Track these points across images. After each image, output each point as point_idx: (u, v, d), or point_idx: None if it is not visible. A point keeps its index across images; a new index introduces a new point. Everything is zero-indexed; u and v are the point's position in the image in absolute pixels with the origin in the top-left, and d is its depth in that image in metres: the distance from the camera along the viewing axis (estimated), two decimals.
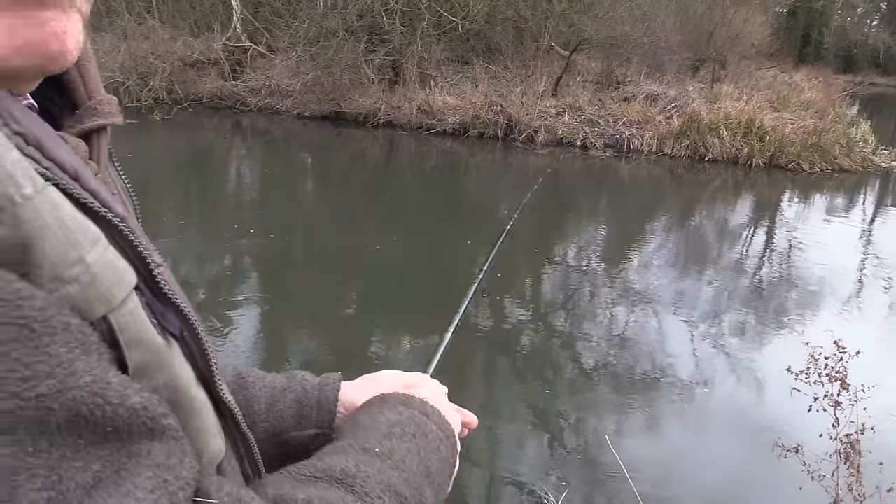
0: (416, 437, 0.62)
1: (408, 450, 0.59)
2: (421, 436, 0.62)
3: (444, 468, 0.63)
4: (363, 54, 14.01)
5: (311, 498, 0.49)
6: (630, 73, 15.71)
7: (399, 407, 0.66)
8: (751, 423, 4.44)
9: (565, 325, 5.96)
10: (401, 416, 0.64)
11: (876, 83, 35.33)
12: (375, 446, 0.58)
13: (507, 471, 3.86)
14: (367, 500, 0.52)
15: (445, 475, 0.63)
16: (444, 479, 0.63)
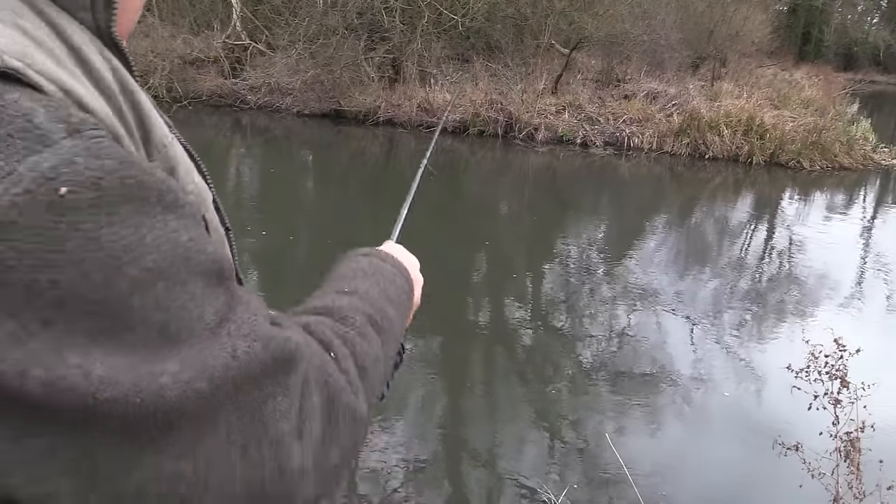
0: (374, 274, 0.81)
1: (369, 284, 0.78)
2: (378, 273, 0.81)
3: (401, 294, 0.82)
4: (363, 52, 13.99)
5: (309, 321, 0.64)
6: (630, 70, 15.70)
7: (360, 258, 0.85)
8: (751, 421, 4.44)
9: (565, 324, 5.96)
10: (360, 263, 0.83)
11: (876, 81, 35.31)
12: (344, 287, 0.75)
13: (507, 470, 3.87)
14: (343, 321, 0.68)
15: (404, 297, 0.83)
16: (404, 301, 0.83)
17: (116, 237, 0.41)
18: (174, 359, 0.44)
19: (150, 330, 0.43)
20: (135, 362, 0.42)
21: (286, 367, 0.53)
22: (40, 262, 0.39)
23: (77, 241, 0.40)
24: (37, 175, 0.39)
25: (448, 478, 3.79)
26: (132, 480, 0.43)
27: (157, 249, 0.43)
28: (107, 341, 0.41)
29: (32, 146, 0.39)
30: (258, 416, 0.49)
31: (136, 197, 0.43)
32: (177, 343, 0.44)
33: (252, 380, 0.49)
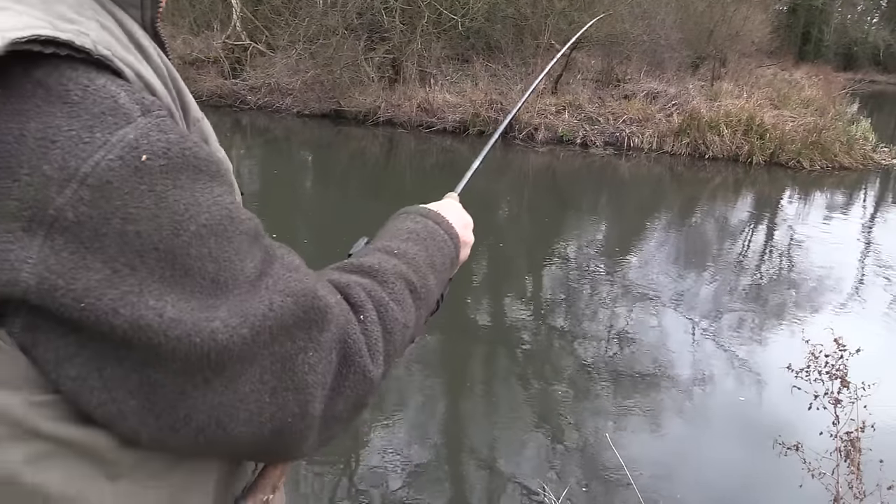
0: (426, 240, 0.84)
1: (418, 249, 0.81)
2: (430, 239, 0.85)
3: (447, 260, 0.87)
4: (363, 52, 13.99)
5: (349, 282, 0.69)
6: (630, 70, 15.69)
7: (417, 217, 0.89)
8: (751, 420, 4.44)
9: (565, 324, 5.96)
10: (416, 225, 0.87)
11: (876, 81, 35.29)
12: (395, 248, 0.80)
13: (507, 470, 3.87)
14: (385, 285, 0.72)
15: (447, 266, 0.87)
16: (447, 269, 0.87)
17: (180, 197, 0.49)
18: (223, 307, 0.52)
19: (205, 278, 0.51)
20: (194, 307, 0.50)
21: (319, 323, 0.60)
22: (129, 216, 0.47)
23: (153, 198, 0.48)
24: (125, 144, 0.47)
25: (448, 478, 3.79)
26: (184, 406, 0.52)
27: (208, 210, 0.51)
28: (174, 286, 0.49)
29: (119, 122, 0.47)
30: (289, 365, 0.57)
31: (192, 166, 0.51)
32: (224, 292, 0.52)
33: (286, 331, 0.56)
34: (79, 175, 0.45)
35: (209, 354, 0.51)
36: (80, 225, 0.45)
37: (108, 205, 0.46)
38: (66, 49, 0.47)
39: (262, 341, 0.54)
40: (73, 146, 0.45)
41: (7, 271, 0.45)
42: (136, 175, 0.47)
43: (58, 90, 0.46)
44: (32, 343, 0.48)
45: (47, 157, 0.45)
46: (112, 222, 0.46)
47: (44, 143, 0.45)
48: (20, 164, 0.44)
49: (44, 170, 0.45)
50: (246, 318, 0.53)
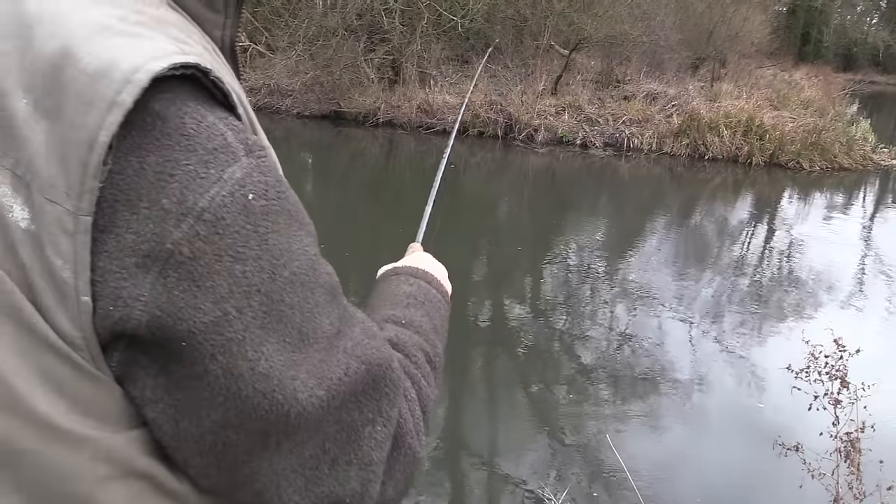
0: (425, 304, 0.82)
1: (422, 315, 0.79)
2: (428, 302, 0.83)
3: (444, 322, 0.85)
4: (363, 53, 13.99)
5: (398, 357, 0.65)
6: (630, 71, 15.70)
7: (410, 279, 0.86)
8: (751, 421, 4.44)
9: (566, 325, 5.96)
10: (411, 288, 0.83)
11: (875, 81, 35.27)
12: (402, 318, 0.76)
13: (507, 470, 3.87)
14: (411, 358, 0.69)
15: (445, 327, 0.86)
16: (445, 330, 0.85)
17: (277, 241, 0.48)
18: (304, 364, 0.50)
19: (294, 329, 0.49)
20: (283, 362, 0.48)
21: (389, 397, 0.57)
22: (238, 255, 0.46)
23: (257, 239, 0.47)
24: (234, 182, 0.46)
25: (448, 478, 3.79)
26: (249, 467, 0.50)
27: (298, 257, 0.50)
28: (270, 335, 0.47)
29: (229, 159, 0.46)
30: (354, 437, 0.54)
31: (286, 210, 0.50)
32: (306, 347, 0.50)
33: (356, 400, 0.54)
34: (196, 210, 0.44)
35: (288, 414, 0.49)
36: (194, 261, 0.44)
37: (221, 241, 0.45)
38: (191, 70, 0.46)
39: (334, 406, 0.52)
40: (191, 180, 0.44)
41: (121, 308, 0.44)
42: (243, 213, 0.46)
43: (175, 122, 0.45)
44: (125, 377, 0.47)
45: (166, 190, 0.44)
46: (223, 260, 0.45)
47: (163, 176, 0.44)
48: (139, 197, 0.44)
49: (162, 203, 0.44)
50: (322, 380, 0.51)
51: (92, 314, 0.44)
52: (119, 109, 0.42)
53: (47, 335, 0.44)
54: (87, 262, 0.43)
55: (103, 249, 0.44)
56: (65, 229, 0.43)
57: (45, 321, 0.44)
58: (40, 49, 0.45)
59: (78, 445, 0.45)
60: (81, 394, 0.45)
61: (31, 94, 0.44)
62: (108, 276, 0.44)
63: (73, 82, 0.43)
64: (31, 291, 0.44)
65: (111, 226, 0.44)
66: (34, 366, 0.44)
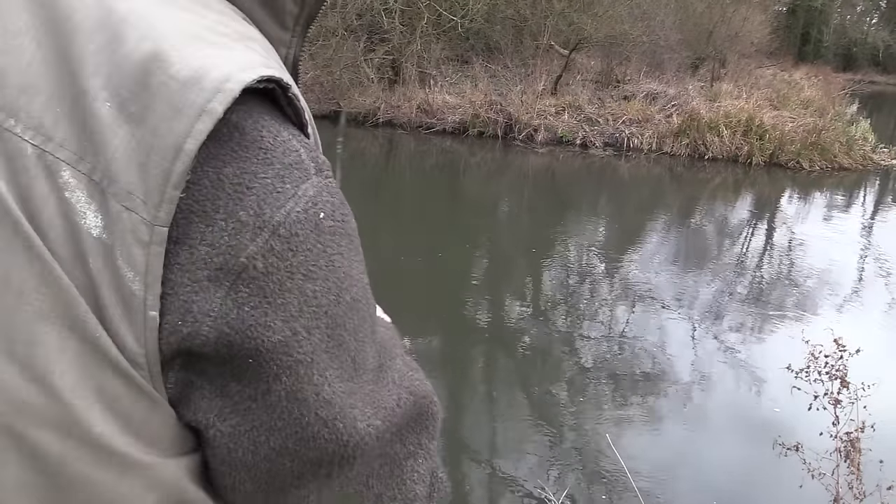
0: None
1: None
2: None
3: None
4: (363, 53, 14.00)
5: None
6: (629, 71, 15.70)
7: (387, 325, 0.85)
8: (751, 421, 4.44)
9: (566, 324, 5.96)
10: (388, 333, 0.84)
11: (875, 81, 35.28)
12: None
13: (507, 470, 3.87)
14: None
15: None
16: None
17: (342, 264, 0.47)
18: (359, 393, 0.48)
19: (349, 356, 0.48)
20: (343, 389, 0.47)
21: (430, 430, 0.55)
22: (309, 274, 0.45)
23: (326, 259, 0.46)
24: (308, 199, 0.45)
25: (448, 478, 3.77)
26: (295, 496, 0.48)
27: (357, 283, 0.49)
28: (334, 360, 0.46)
29: (303, 176, 0.45)
30: (397, 471, 0.52)
31: (349, 234, 0.49)
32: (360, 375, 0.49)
33: (400, 432, 0.52)
34: (272, 224, 0.43)
35: (346, 444, 0.47)
36: (267, 276, 0.43)
37: (294, 258, 0.44)
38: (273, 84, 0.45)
39: (385, 440, 0.50)
40: (268, 194, 0.43)
41: (190, 324, 0.42)
42: (315, 231, 0.45)
43: (253, 135, 0.44)
44: (180, 400, 0.45)
45: (243, 202, 0.43)
46: (295, 278, 0.44)
47: (240, 188, 0.43)
48: (216, 208, 0.42)
49: (239, 215, 0.42)
50: (378, 409, 0.49)
51: (158, 330, 0.42)
52: (209, 118, 0.41)
53: (109, 351, 0.42)
54: (158, 276, 0.42)
55: (175, 262, 0.42)
56: (139, 239, 0.41)
57: (109, 336, 0.42)
58: (130, 52, 0.43)
59: (129, 470, 0.44)
60: (137, 415, 0.44)
61: (117, 98, 0.42)
62: (178, 290, 0.42)
63: (162, 88, 0.42)
64: (97, 304, 0.42)
65: (185, 238, 0.42)
66: (93, 383, 0.42)
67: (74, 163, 0.42)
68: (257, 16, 0.54)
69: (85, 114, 0.42)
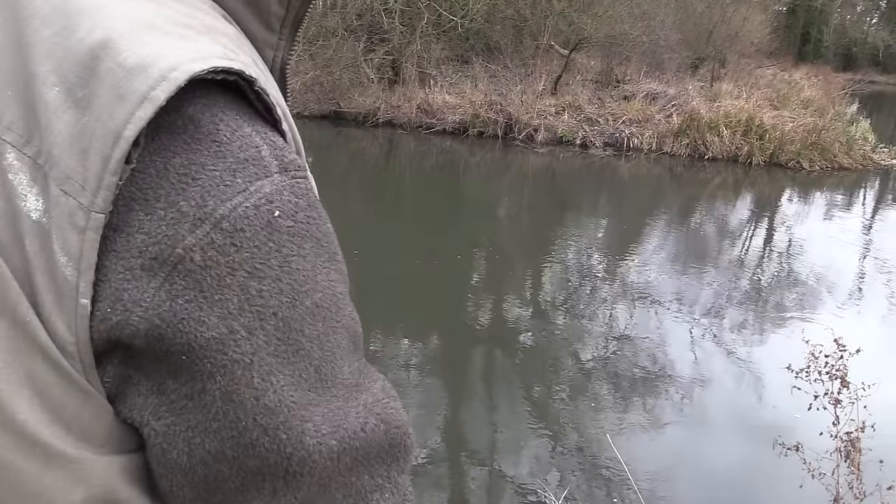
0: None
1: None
2: None
3: None
4: (362, 53, 14.00)
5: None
6: (629, 71, 15.70)
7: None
8: (751, 421, 4.44)
9: (566, 325, 5.96)
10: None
11: (875, 81, 35.25)
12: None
13: (508, 470, 3.87)
14: None
15: None
16: None
17: (301, 266, 0.45)
18: (319, 407, 0.45)
19: (311, 365, 0.45)
20: (294, 399, 0.44)
21: (401, 463, 0.52)
22: (255, 272, 0.43)
23: (279, 259, 0.44)
24: (262, 195, 0.43)
25: (449, 478, 3.78)
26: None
27: (323, 290, 0.46)
28: (284, 366, 0.44)
29: (260, 173, 0.44)
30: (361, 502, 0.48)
31: (316, 238, 0.46)
32: (323, 389, 0.46)
33: (367, 461, 0.48)
34: (214, 216, 0.42)
35: (290, 458, 0.44)
36: (205, 270, 0.42)
37: (237, 254, 0.42)
38: (234, 77, 0.44)
39: (344, 464, 0.46)
40: (214, 186, 0.42)
41: (119, 312, 0.41)
42: (267, 229, 0.43)
43: (209, 128, 0.43)
44: (118, 396, 0.44)
45: (186, 192, 0.42)
46: (237, 274, 0.42)
47: (185, 178, 0.42)
48: (157, 197, 0.42)
49: (180, 205, 0.42)
50: (337, 429, 0.46)
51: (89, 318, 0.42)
52: (150, 105, 0.41)
53: (39, 337, 0.41)
54: (92, 263, 0.41)
55: (111, 249, 0.41)
56: (75, 225, 0.41)
57: (41, 322, 0.41)
58: (81, 39, 0.43)
59: (54, 462, 0.42)
60: (68, 407, 0.42)
61: (65, 83, 0.42)
62: (111, 277, 0.41)
63: (108, 75, 0.42)
64: (31, 289, 0.41)
65: (123, 225, 0.41)
66: (23, 370, 0.41)
67: (21, 146, 0.42)
68: (241, 15, 0.53)
69: (34, 98, 0.42)
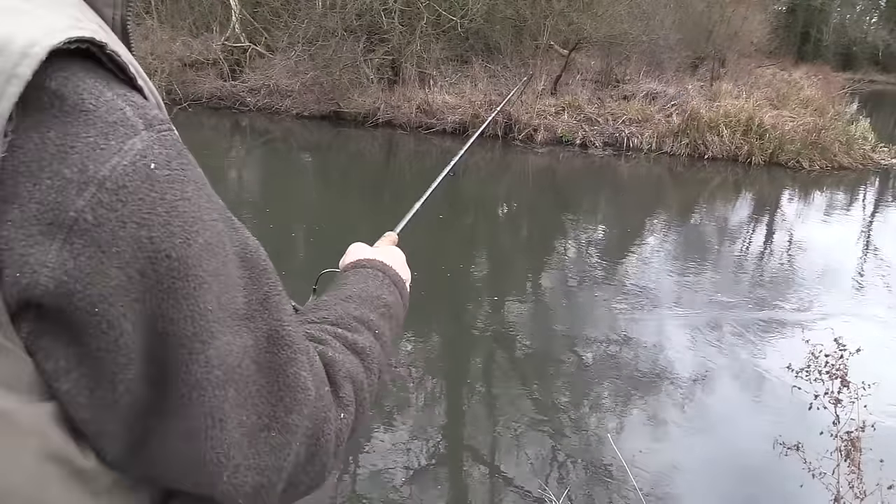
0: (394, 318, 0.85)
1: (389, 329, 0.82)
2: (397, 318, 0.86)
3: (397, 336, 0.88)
4: (362, 54, 13.99)
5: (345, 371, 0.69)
6: (629, 71, 15.69)
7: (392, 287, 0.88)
8: (751, 420, 4.44)
9: (566, 325, 5.96)
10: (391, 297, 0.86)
11: (875, 80, 35.27)
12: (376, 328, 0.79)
13: (508, 470, 3.87)
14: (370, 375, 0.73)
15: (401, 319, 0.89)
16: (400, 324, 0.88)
17: (188, 208, 0.50)
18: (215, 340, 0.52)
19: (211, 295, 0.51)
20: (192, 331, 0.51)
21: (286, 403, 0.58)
22: (143, 221, 0.47)
23: (165, 206, 0.49)
24: (135, 153, 0.48)
25: (449, 478, 3.78)
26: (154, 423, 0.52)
27: (212, 227, 0.52)
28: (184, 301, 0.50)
29: (129, 132, 0.48)
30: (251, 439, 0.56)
31: (193, 181, 0.51)
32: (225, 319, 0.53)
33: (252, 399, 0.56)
34: (97, 178, 0.46)
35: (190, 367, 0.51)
36: (99, 227, 0.46)
37: (124, 208, 0.47)
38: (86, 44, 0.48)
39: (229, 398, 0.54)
40: (91, 151, 0.46)
41: (28, 275, 0.45)
42: (147, 181, 0.48)
43: (73, 99, 0.47)
44: (35, 349, 0.47)
45: (67, 161, 0.46)
46: (128, 226, 0.47)
47: (63, 148, 0.46)
48: (41, 168, 0.45)
49: (64, 173, 0.45)
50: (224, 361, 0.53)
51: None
52: (18, 81, 0.44)
53: None
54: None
55: (7, 219, 0.44)
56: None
57: None
58: None
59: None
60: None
61: None
62: (14, 245, 0.44)
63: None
64: None
65: (13, 197, 0.45)
66: None
67: None
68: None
69: None
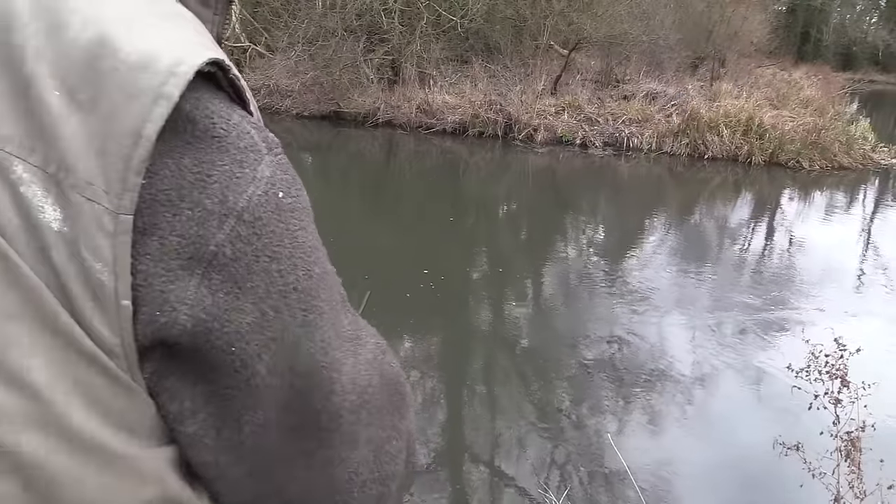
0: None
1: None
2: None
3: None
4: (362, 54, 13.99)
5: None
6: (629, 71, 15.69)
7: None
8: (751, 420, 4.44)
9: (566, 324, 5.96)
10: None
11: (875, 80, 35.24)
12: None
13: (508, 470, 3.87)
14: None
15: None
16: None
17: (305, 238, 0.48)
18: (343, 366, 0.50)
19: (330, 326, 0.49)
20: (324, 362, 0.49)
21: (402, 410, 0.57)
22: (274, 255, 0.45)
23: (289, 237, 0.47)
24: (265, 180, 0.45)
25: (449, 478, 3.78)
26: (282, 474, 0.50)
27: (323, 256, 0.51)
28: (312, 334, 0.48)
29: (258, 158, 0.46)
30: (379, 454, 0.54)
31: (306, 208, 0.49)
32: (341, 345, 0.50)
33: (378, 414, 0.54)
34: (237, 209, 0.44)
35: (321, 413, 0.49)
36: (236, 262, 0.44)
37: (258, 241, 0.45)
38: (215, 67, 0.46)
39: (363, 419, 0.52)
40: (228, 180, 0.44)
41: (167, 313, 0.42)
42: (276, 212, 0.46)
43: (205, 123, 0.44)
44: (159, 390, 0.45)
45: (206, 191, 0.43)
46: (261, 260, 0.45)
47: (201, 176, 0.43)
48: (181, 197, 0.42)
49: (205, 204, 0.43)
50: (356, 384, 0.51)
51: (133, 320, 0.42)
52: (166, 102, 0.41)
53: (83, 343, 0.42)
54: (127, 264, 0.41)
55: (146, 252, 0.42)
56: (104, 229, 0.41)
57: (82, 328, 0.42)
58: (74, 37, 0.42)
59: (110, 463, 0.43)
60: (115, 406, 0.43)
61: (65, 85, 0.41)
62: (153, 280, 0.42)
63: (112, 73, 0.41)
64: (66, 297, 0.41)
65: (153, 228, 0.42)
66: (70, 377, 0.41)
67: (25, 156, 0.41)
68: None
69: (33, 104, 0.41)
